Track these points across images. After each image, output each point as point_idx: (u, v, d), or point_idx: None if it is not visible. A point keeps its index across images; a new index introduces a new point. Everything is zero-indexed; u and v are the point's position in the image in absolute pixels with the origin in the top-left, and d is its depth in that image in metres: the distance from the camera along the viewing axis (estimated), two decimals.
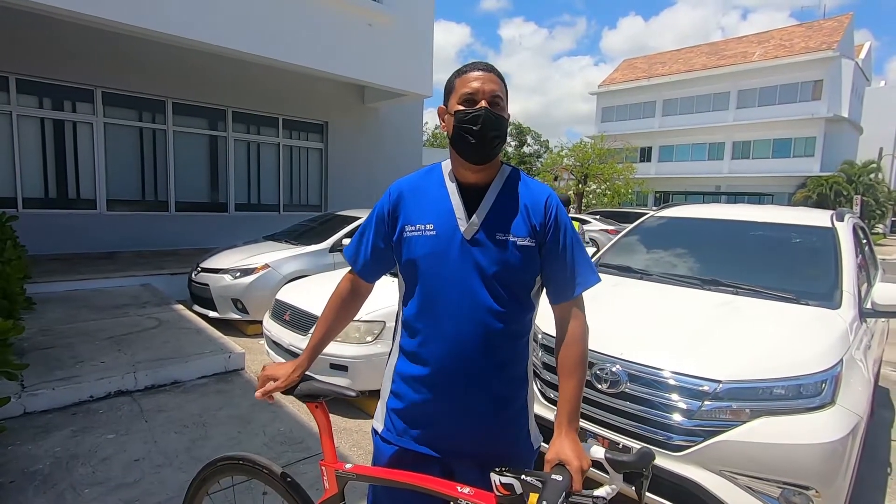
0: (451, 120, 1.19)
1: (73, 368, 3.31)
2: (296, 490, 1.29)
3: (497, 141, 1.17)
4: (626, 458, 0.97)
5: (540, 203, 1.20)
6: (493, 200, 1.19)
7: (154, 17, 5.75)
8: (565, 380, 1.15)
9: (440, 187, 1.23)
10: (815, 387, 1.94)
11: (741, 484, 1.87)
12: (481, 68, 1.19)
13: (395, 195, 1.26)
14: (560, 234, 1.19)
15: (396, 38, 8.35)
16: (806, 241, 3.10)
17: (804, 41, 29.38)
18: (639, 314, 2.60)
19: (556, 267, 1.19)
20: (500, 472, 0.93)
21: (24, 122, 7.01)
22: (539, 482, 0.89)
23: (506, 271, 1.15)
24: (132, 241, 7.82)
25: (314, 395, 1.25)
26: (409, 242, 1.21)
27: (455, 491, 1.01)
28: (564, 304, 1.20)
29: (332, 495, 1.22)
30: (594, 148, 23.93)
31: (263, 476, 1.32)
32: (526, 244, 1.16)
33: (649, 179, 31.13)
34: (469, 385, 1.17)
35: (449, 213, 1.19)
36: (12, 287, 3.68)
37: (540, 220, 1.18)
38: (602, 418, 2.17)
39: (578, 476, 0.95)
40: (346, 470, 1.19)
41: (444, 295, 1.16)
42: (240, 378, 3.66)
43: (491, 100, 1.16)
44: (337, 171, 10.39)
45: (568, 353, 1.17)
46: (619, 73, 38.23)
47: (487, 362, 1.16)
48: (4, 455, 2.46)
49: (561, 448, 1.03)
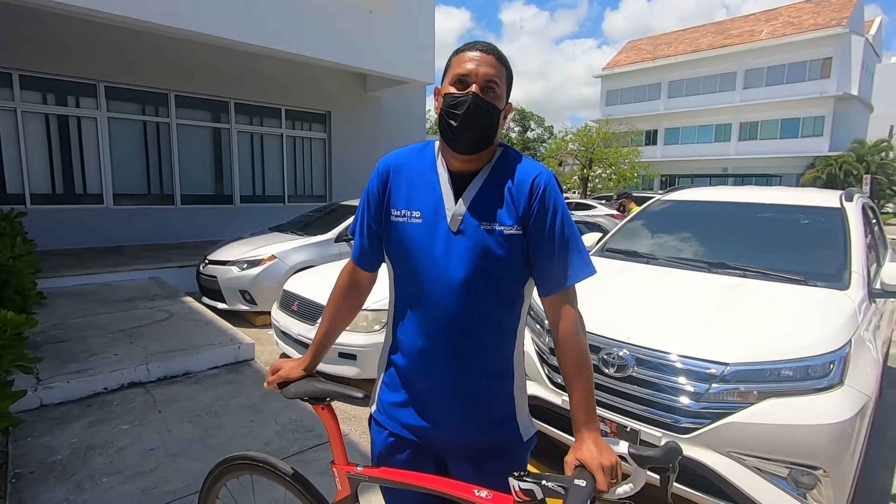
0: (441, 102, 1.11)
1: (87, 361, 3.37)
2: (308, 489, 1.27)
3: (485, 130, 1.07)
4: (651, 454, 0.93)
5: (526, 184, 1.09)
6: (480, 187, 1.11)
7: (155, 10, 5.72)
8: (571, 386, 1.07)
9: (431, 171, 1.16)
10: (823, 368, 1.93)
11: (749, 465, 1.88)
12: (480, 48, 1.09)
13: (384, 173, 1.19)
14: (546, 218, 1.08)
15: (397, 25, 8.26)
16: (814, 222, 3.08)
17: (813, 18, 28.75)
18: (645, 298, 2.60)
19: (542, 254, 1.08)
20: (519, 477, 0.86)
21: (28, 118, 7.04)
22: (562, 488, 0.84)
23: (492, 263, 1.08)
24: (139, 234, 7.88)
25: (319, 397, 1.21)
26: (394, 227, 1.15)
27: (472, 495, 0.95)
28: (552, 296, 1.10)
29: (346, 497, 1.18)
30: (599, 132, 23.71)
31: (274, 475, 1.30)
32: (513, 233, 1.08)
33: (655, 163, 30.81)
34: (450, 377, 1.12)
35: (437, 202, 1.12)
36: (24, 282, 3.73)
37: (524, 204, 1.08)
38: (609, 402, 2.18)
39: (601, 475, 0.90)
40: (358, 472, 1.16)
41: (427, 285, 1.11)
42: (250, 368, 3.70)
43: (484, 84, 1.06)
44: (340, 161, 10.37)
45: (566, 360, 1.08)
46: (624, 55, 37.66)
47: (469, 355, 1.11)
48: (24, 446, 2.52)
49: (580, 448, 0.97)
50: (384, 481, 1.13)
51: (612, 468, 0.92)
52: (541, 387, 2.41)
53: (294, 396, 1.22)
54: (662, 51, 34.59)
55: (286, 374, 1.26)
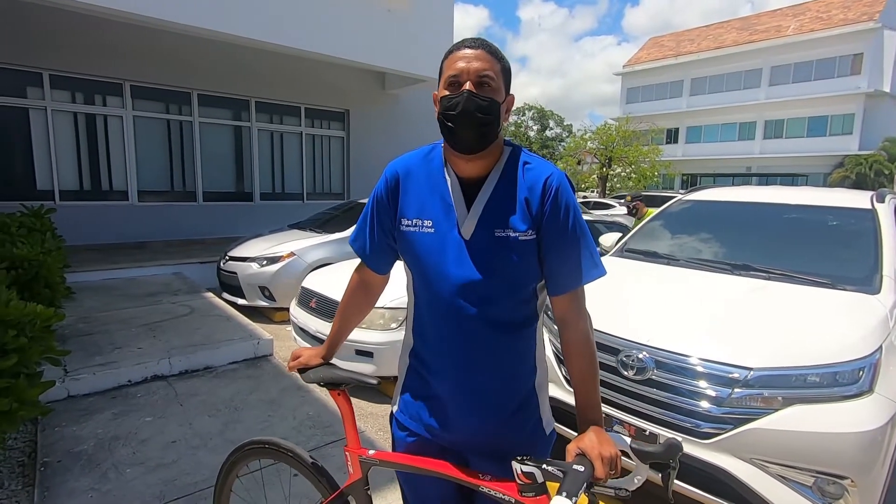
0: (438, 107, 1.09)
1: (112, 354, 3.45)
2: (321, 473, 1.32)
3: (486, 127, 1.04)
4: (652, 449, 0.94)
5: (538, 185, 1.08)
6: (491, 192, 1.10)
7: (180, 10, 5.82)
8: (577, 381, 1.09)
9: (440, 178, 1.14)
10: (852, 374, 1.88)
11: (772, 472, 1.84)
12: (469, 45, 1.06)
13: (393, 180, 1.18)
14: (558, 218, 1.07)
15: (416, 23, 8.27)
16: (843, 223, 2.98)
17: (843, 12, 27.87)
18: (666, 300, 2.55)
19: (554, 254, 1.08)
20: (521, 461, 0.91)
21: (58, 116, 7.24)
22: (560, 472, 0.88)
23: (507, 268, 1.08)
24: (162, 230, 8.05)
25: (336, 383, 1.27)
26: (406, 237, 1.15)
27: (477, 479, 1.01)
28: (561, 297, 1.10)
29: (357, 480, 1.24)
30: (619, 130, 23.39)
31: (289, 459, 1.36)
32: (527, 238, 1.07)
33: (676, 161, 30.28)
34: (470, 378, 1.13)
35: (448, 209, 1.11)
36: (53, 277, 3.85)
37: (537, 205, 1.07)
38: (628, 405, 2.15)
39: (599, 463, 0.91)
40: (370, 456, 1.21)
41: (442, 292, 1.11)
42: (268, 363, 3.76)
43: (478, 80, 1.03)
44: (358, 159, 10.43)
45: (573, 358, 1.10)
46: (645, 51, 37.07)
47: (490, 358, 1.12)
48: (52, 436, 2.59)
49: (582, 438, 0.99)
50: (394, 465, 1.18)
51: (611, 459, 0.93)
52: (558, 388, 2.39)
53: (313, 381, 1.30)
54: (685, 47, 33.93)
55: (306, 360, 1.33)
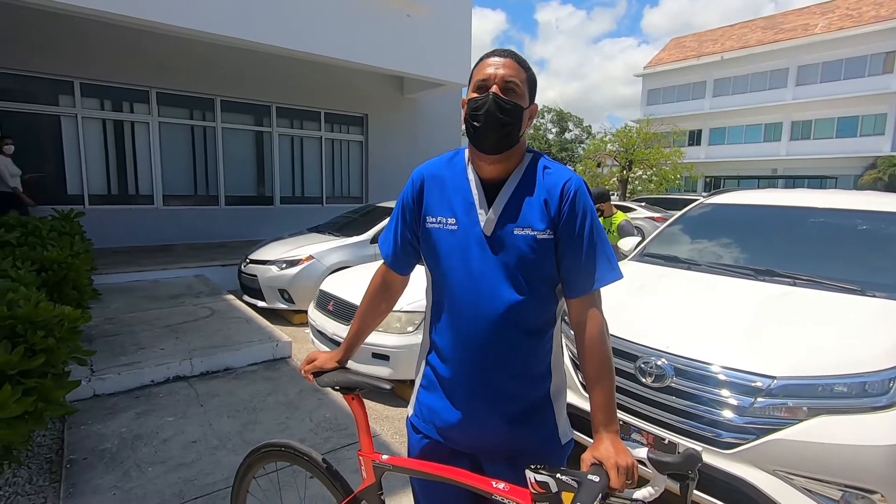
0: (465, 109, 1.15)
1: (136, 355, 3.54)
2: (335, 477, 1.33)
3: (508, 128, 1.10)
4: (670, 460, 0.92)
5: (556, 189, 1.12)
6: (511, 192, 1.14)
7: (206, 20, 5.96)
8: (592, 387, 1.10)
9: (462, 178, 1.19)
10: (882, 385, 1.81)
11: (797, 485, 1.78)
12: (498, 54, 1.14)
13: (419, 183, 1.23)
14: (576, 221, 1.11)
15: (434, 28, 8.31)
16: (874, 227, 2.88)
17: (874, 9, 27.00)
18: (686, 306, 2.50)
19: (570, 257, 1.12)
20: (535, 470, 0.89)
21: (87, 123, 7.48)
22: (575, 482, 0.86)
23: (526, 266, 1.11)
24: (186, 233, 8.24)
25: (350, 387, 1.28)
26: (430, 234, 1.19)
27: (490, 486, 1.01)
28: (577, 299, 1.13)
29: (370, 485, 1.24)
30: (639, 132, 23.05)
31: (304, 462, 1.37)
32: (545, 237, 1.11)
33: (699, 164, 29.69)
34: (487, 380, 1.14)
35: (470, 207, 1.16)
36: (81, 279, 3.96)
37: (555, 208, 1.11)
38: (646, 413, 2.10)
39: (615, 473, 0.91)
40: (383, 461, 1.21)
41: (464, 290, 1.14)
42: (287, 366, 3.80)
43: (504, 85, 1.10)
44: (377, 163, 10.52)
45: (589, 362, 1.11)
46: (667, 52, 36.53)
47: (507, 358, 1.13)
48: (78, 434, 2.67)
49: (597, 447, 0.99)
50: (407, 471, 1.18)
51: (627, 469, 0.92)
52: (574, 394, 2.36)
53: (327, 385, 1.30)
54: (708, 48, 33.30)
55: (321, 364, 1.34)
